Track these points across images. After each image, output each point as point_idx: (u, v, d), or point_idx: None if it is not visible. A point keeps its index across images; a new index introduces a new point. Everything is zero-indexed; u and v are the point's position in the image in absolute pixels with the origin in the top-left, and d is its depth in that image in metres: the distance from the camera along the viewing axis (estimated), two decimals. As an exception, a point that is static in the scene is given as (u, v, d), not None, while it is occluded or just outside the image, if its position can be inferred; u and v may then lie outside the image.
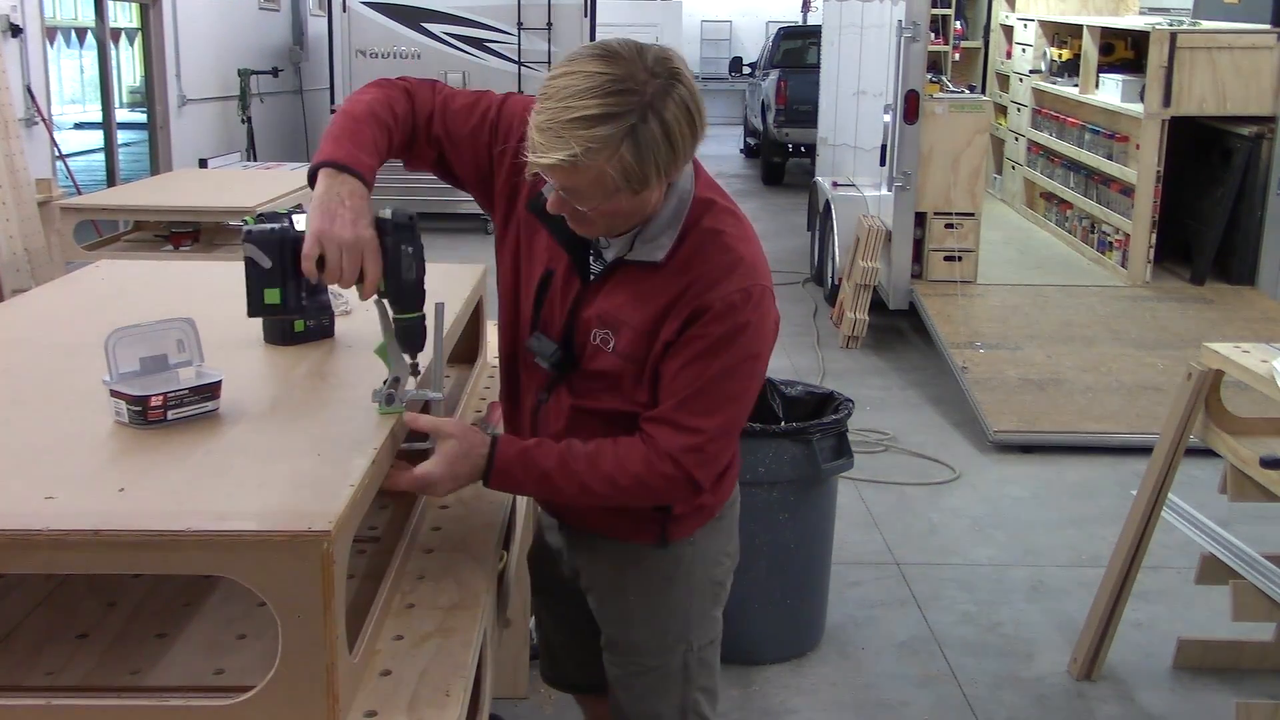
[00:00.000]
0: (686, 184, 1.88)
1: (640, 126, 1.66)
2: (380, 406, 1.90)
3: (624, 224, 1.83)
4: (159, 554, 1.50)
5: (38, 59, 8.14)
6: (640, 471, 1.85)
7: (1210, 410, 3.22)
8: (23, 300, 2.94)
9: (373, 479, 1.74)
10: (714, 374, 1.82)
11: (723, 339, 1.82)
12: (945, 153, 7.22)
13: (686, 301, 1.83)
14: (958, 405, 5.98)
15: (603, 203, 1.74)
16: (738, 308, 1.81)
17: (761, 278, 1.87)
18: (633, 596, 2.11)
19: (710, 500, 2.07)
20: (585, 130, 1.64)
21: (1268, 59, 7.06)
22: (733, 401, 1.87)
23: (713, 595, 2.15)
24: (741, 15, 22.89)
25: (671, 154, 1.71)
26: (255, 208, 5.15)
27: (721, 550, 2.15)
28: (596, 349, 1.91)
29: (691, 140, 1.75)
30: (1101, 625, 3.51)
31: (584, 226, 1.83)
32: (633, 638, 2.13)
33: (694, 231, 1.86)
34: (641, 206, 1.80)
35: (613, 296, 1.89)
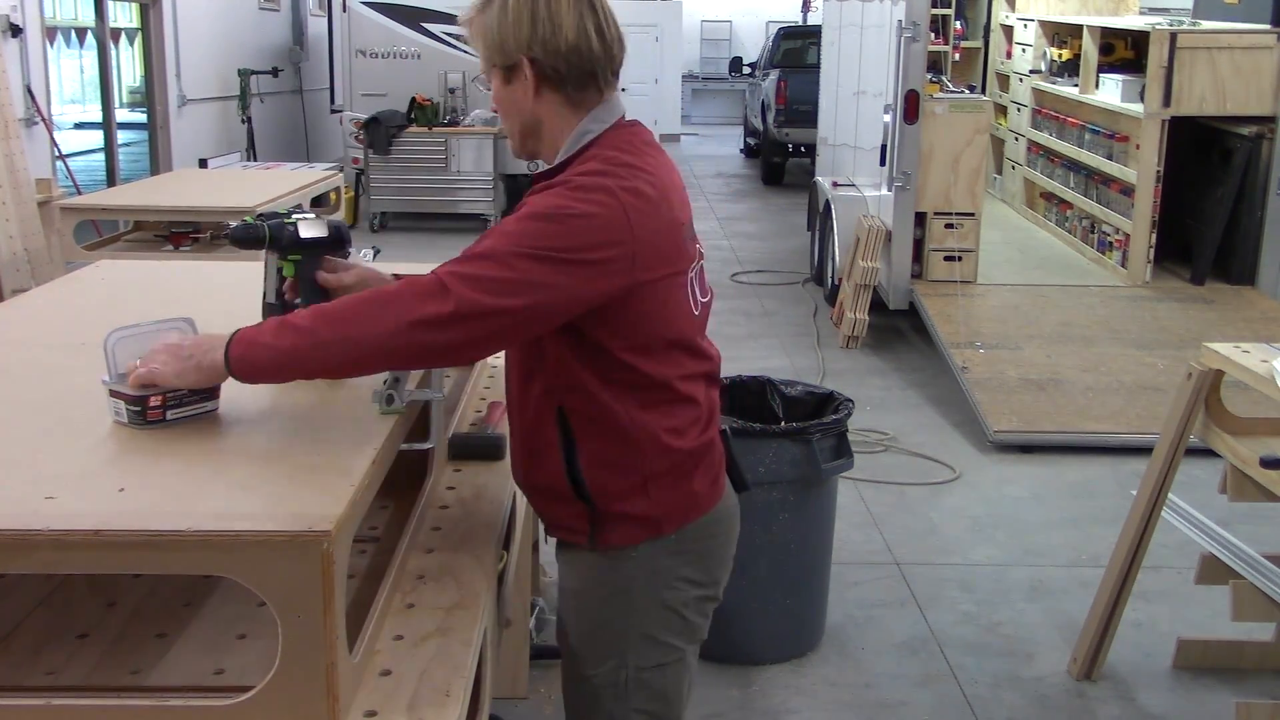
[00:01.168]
0: (594, 125, 1.92)
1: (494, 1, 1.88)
2: (380, 407, 1.91)
3: (514, 125, 1.95)
4: (159, 554, 1.50)
5: (38, 59, 8.14)
6: (400, 289, 1.77)
7: (1210, 410, 3.22)
8: (23, 300, 2.94)
9: (373, 479, 1.74)
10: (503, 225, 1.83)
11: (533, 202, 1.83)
12: (945, 153, 7.22)
13: None
14: (958, 405, 5.98)
15: (488, 77, 1.95)
16: (559, 187, 1.83)
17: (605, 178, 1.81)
18: (574, 599, 2.07)
19: (643, 507, 1.95)
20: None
21: (1268, 59, 7.06)
22: (503, 235, 1.79)
23: (661, 620, 2.01)
24: (741, 15, 22.87)
25: (532, 28, 1.85)
26: (255, 208, 5.16)
27: (678, 575, 2.01)
28: None
29: (531, 30, 1.86)
30: (1101, 625, 3.51)
31: (505, 131, 2.01)
32: (567, 639, 2.09)
33: (593, 154, 1.90)
34: (514, 103, 1.92)
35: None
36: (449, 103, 11.32)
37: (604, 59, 1.91)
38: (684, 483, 1.99)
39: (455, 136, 10.97)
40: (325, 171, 7.37)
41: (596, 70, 1.91)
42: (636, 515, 1.96)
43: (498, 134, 11.04)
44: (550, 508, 2.05)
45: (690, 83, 22.09)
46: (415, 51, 11.52)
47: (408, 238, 10.82)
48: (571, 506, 1.98)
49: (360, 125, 10.95)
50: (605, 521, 1.97)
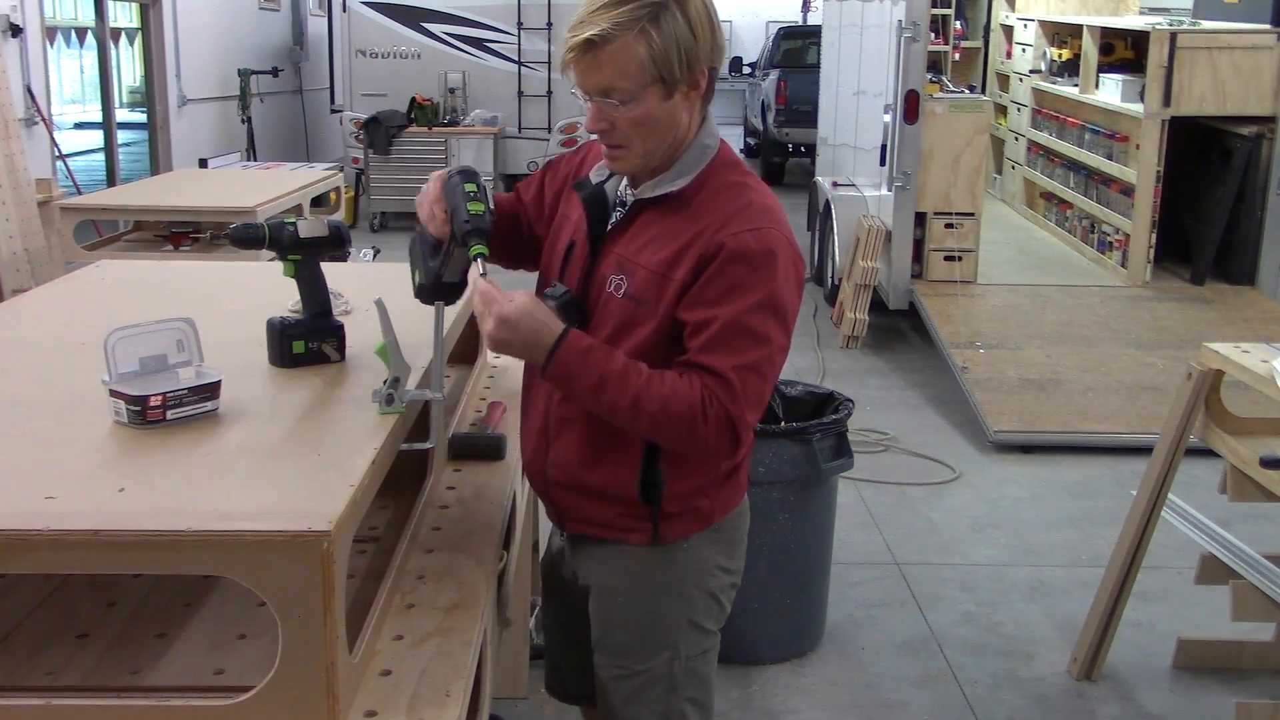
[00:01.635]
0: (711, 140, 1.92)
1: (663, 10, 1.77)
2: (380, 407, 1.91)
3: (655, 144, 1.86)
4: (159, 554, 1.50)
5: (38, 59, 8.15)
6: (696, 403, 1.81)
7: (1210, 410, 3.22)
8: (23, 300, 2.94)
9: (373, 479, 1.74)
10: (734, 315, 1.81)
11: (739, 280, 1.81)
12: (945, 153, 7.22)
13: (701, 241, 1.84)
14: (958, 405, 5.98)
15: (633, 103, 1.80)
16: (751, 248, 1.82)
17: (779, 224, 1.87)
18: (621, 597, 2.09)
19: (707, 505, 2.03)
20: (613, 10, 1.76)
21: (1268, 59, 7.06)
22: (757, 344, 1.83)
23: (704, 607, 2.10)
24: (741, 15, 22.86)
25: (695, 44, 1.79)
26: (255, 208, 5.16)
27: (717, 563, 2.10)
28: (609, 297, 1.91)
29: (712, 40, 1.83)
30: (1101, 625, 3.51)
31: (618, 153, 1.88)
32: (618, 639, 2.10)
33: (714, 179, 1.90)
34: (671, 120, 1.84)
35: (633, 241, 1.91)
36: (449, 103, 11.33)
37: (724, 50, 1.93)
38: (735, 478, 2.08)
39: (455, 136, 10.98)
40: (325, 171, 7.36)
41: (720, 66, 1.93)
42: (698, 510, 2.03)
43: (498, 134, 11.06)
44: (601, 508, 2.04)
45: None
46: (415, 51, 11.51)
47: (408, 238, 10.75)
48: (633, 507, 2.00)
49: (360, 125, 10.95)
50: (667, 519, 2.01)
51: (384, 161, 10.91)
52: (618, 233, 1.94)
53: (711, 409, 1.81)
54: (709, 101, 1.91)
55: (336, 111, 12.03)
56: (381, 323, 1.96)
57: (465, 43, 11.46)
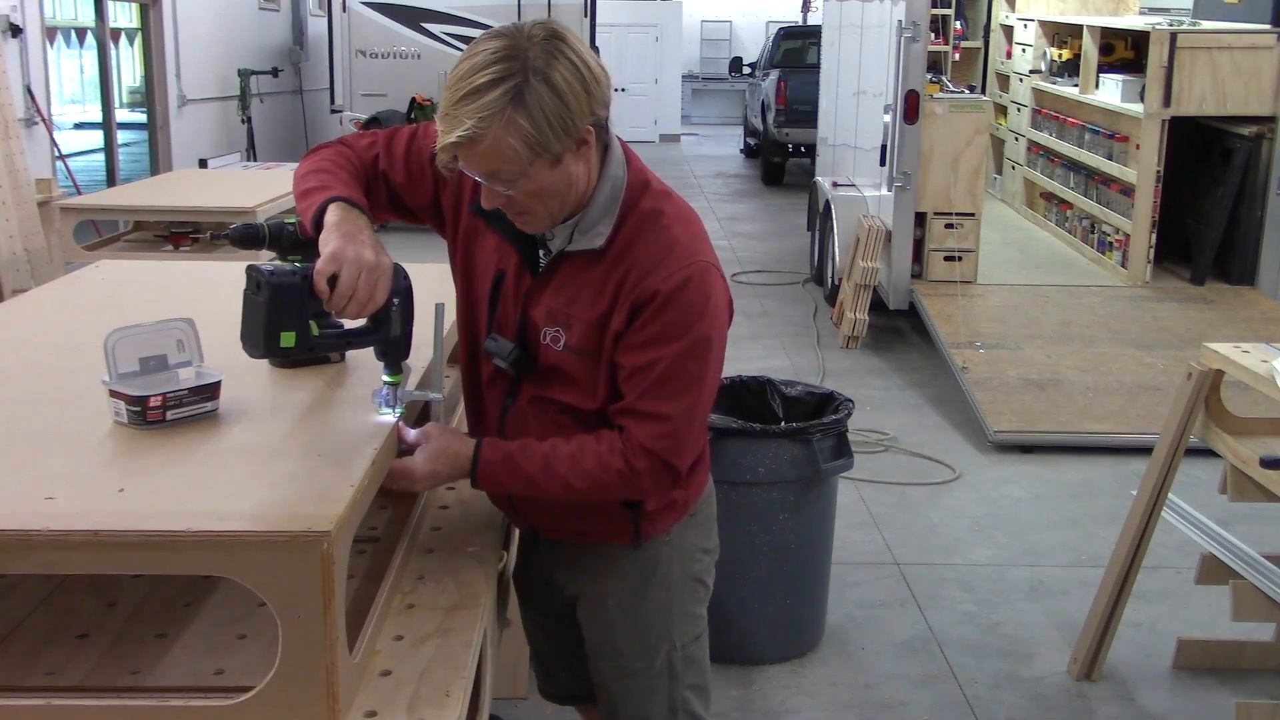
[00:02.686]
0: (618, 170, 1.88)
1: (525, 87, 1.68)
2: (380, 407, 1.90)
3: (558, 206, 1.82)
4: (159, 554, 1.50)
5: (38, 59, 8.15)
6: (621, 468, 1.86)
7: (1210, 410, 3.22)
8: (23, 300, 2.94)
9: (373, 479, 1.74)
10: (670, 360, 1.83)
11: (672, 324, 1.82)
12: (945, 153, 7.22)
13: (629, 288, 1.83)
14: (958, 405, 5.98)
15: (521, 180, 1.75)
16: (681, 291, 1.82)
17: (702, 254, 1.87)
18: (612, 600, 2.10)
19: (682, 495, 2.07)
20: (474, 103, 1.68)
21: (1268, 59, 7.06)
22: (693, 384, 1.86)
23: (692, 592, 2.14)
24: (741, 15, 22.87)
25: (566, 111, 1.71)
26: (255, 208, 5.16)
27: (698, 546, 2.15)
28: (547, 348, 1.92)
29: (587, 98, 1.74)
30: (1101, 625, 3.51)
31: (524, 218, 1.84)
32: (616, 641, 2.12)
33: (631, 216, 1.87)
34: (567, 182, 1.79)
35: (560, 292, 1.90)
36: (449, 103, 11.31)
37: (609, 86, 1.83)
38: (703, 462, 2.11)
39: (455, 136, 10.96)
40: (325, 171, 7.34)
41: (609, 103, 1.84)
42: (674, 503, 2.06)
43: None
44: (586, 522, 2.06)
45: (690, 83, 22.10)
46: (415, 51, 11.52)
47: (408, 237, 10.79)
48: (615, 514, 2.02)
49: (360, 125, 10.94)
50: (647, 518, 2.04)
51: (384, 161, 10.89)
52: (543, 283, 1.91)
53: (640, 463, 1.86)
54: (606, 140, 1.85)
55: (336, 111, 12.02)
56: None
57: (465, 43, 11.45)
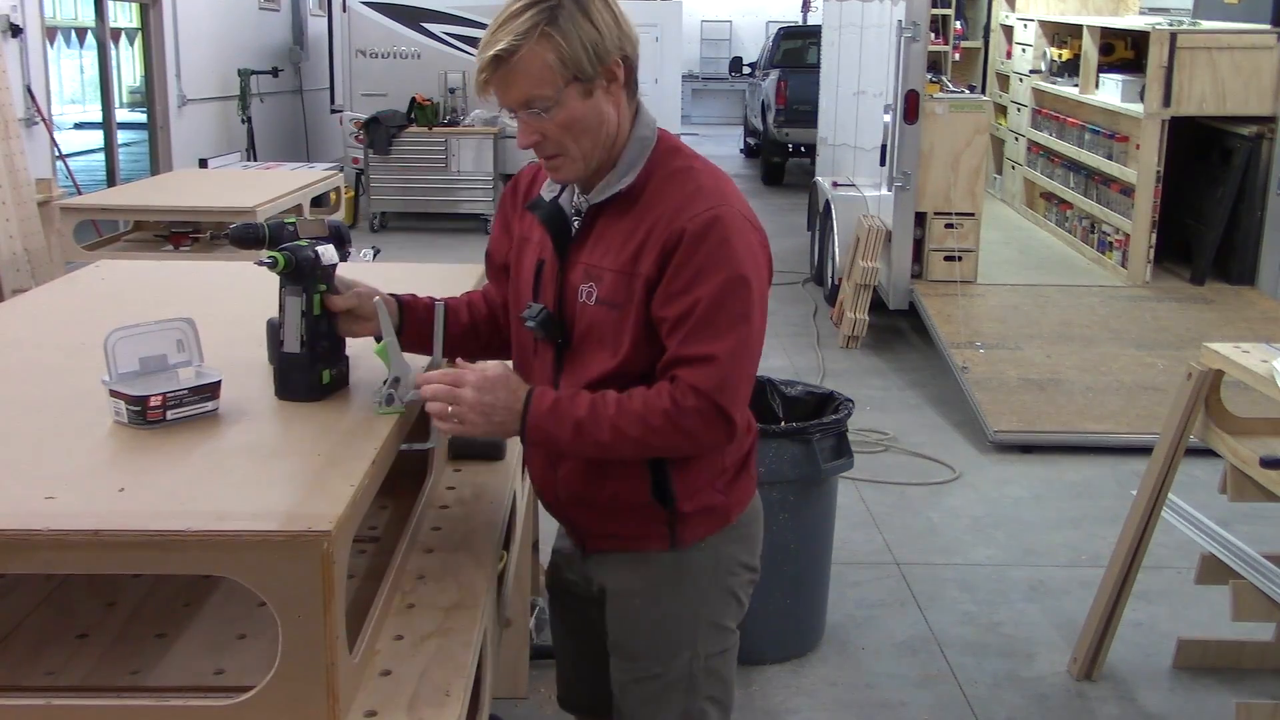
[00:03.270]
0: (647, 131, 1.93)
1: (559, 9, 1.77)
2: (379, 407, 1.90)
3: (590, 144, 1.86)
4: (159, 554, 1.50)
5: (38, 59, 8.14)
6: (668, 408, 1.82)
7: (1210, 410, 3.22)
8: (23, 300, 2.94)
9: (373, 479, 1.74)
10: (708, 300, 1.81)
11: (705, 263, 1.81)
12: (945, 153, 7.22)
13: (659, 232, 1.84)
14: (958, 405, 5.98)
15: (556, 104, 1.80)
16: (710, 229, 1.82)
17: (732, 201, 1.87)
18: (639, 599, 2.07)
19: (723, 501, 2.03)
20: (509, 25, 1.77)
21: (1268, 59, 7.06)
22: (737, 323, 1.83)
23: (724, 605, 2.09)
24: (741, 15, 22.87)
25: (598, 36, 1.79)
26: (255, 208, 5.15)
27: (737, 560, 2.10)
28: (583, 307, 1.91)
29: (618, 30, 1.83)
30: (1101, 625, 3.51)
31: (557, 161, 1.88)
32: (636, 642, 2.08)
33: (659, 171, 1.90)
34: (598, 118, 1.84)
35: (594, 249, 1.91)
36: (449, 103, 11.33)
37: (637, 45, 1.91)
38: (747, 469, 2.08)
39: (455, 136, 10.97)
40: (325, 171, 7.36)
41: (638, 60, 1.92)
42: (713, 508, 2.02)
43: (498, 134, 11.05)
44: (619, 521, 2.03)
45: (690, 83, 22.07)
46: (415, 51, 11.52)
47: (408, 238, 10.82)
48: (649, 514, 1.98)
49: (360, 125, 10.95)
50: (684, 521, 2.00)
51: (384, 161, 10.91)
52: (579, 242, 1.93)
53: (687, 402, 1.81)
54: (635, 93, 1.92)
55: (336, 111, 12.04)
56: (381, 323, 1.95)
57: (465, 43, 11.46)
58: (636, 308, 1.86)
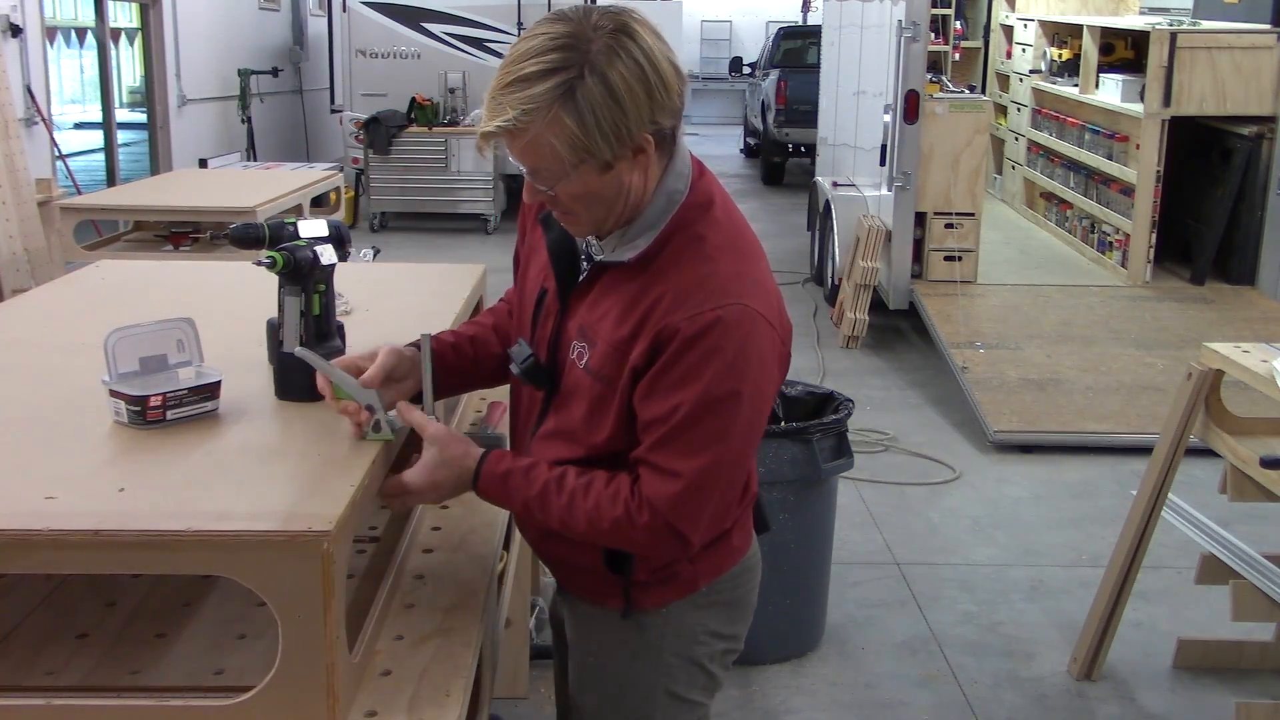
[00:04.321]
0: (677, 184, 1.70)
1: (578, 84, 1.53)
2: (367, 434, 1.83)
3: (604, 213, 1.66)
4: (158, 554, 1.50)
5: (38, 59, 8.14)
6: (619, 516, 1.67)
7: (1210, 410, 3.22)
8: (23, 300, 2.94)
9: (373, 479, 1.74)
10: (689, 409, 1.61)
11: (695, 368, 1.61)
12: (945, 153, 7.22)
13: (656, 317, 1.64)
14: (958, 405, 5.98)
15: (563, 180, 1.60)
16: (706, 334, 1.60)
17: (743, 296, 1.64)
18: (593, 659, 1.92)
19: (688, 570, 1.83)
20: (521, 92, 1.54)
21: (1268, 59, 7.06)
22: (715, 443, 1.63)
23: (687, 677, 1.89)
24: (741, 15, 22.86)
25: (621, 116, 1.55)
26: (255, 208, 5.15)
27: (706, 629, 1.89)
28: (573, 365, 1.75)
29: (649, 104, 1.57)
30: (1101, 625, 3.51)
31: (568, 219, 1.70)
32: (591, 702, 1.94)
33: (679, 236, 1.68)
34: (617, 190, 1.64)
35: (595, 307, 1.73)
36: (449, 103, 11.33)
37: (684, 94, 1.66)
38: (723, 542, 1.88)
39: (455, 136, 10.97)
40: (325, 171, 7.36)
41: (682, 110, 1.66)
42: (675, 575, 1.84)
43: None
44: (575, 576, 1.92)
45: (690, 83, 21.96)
46: (415, 51, 11.51)
47: (408, 238, 10.82)
48: (604, 578, 1.83)
49: (360, 125, 10.95)
50: (640, 587, 1.83)
51: (384, 161, 10.91)
52: (581, 293, 1.75)
53: (641, 518, 1.65)
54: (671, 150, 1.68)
55: (336, 111, 12.03)
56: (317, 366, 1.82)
57: (465, 42, 11.47)
58: (623, 391, 1.68)
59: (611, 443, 1.72)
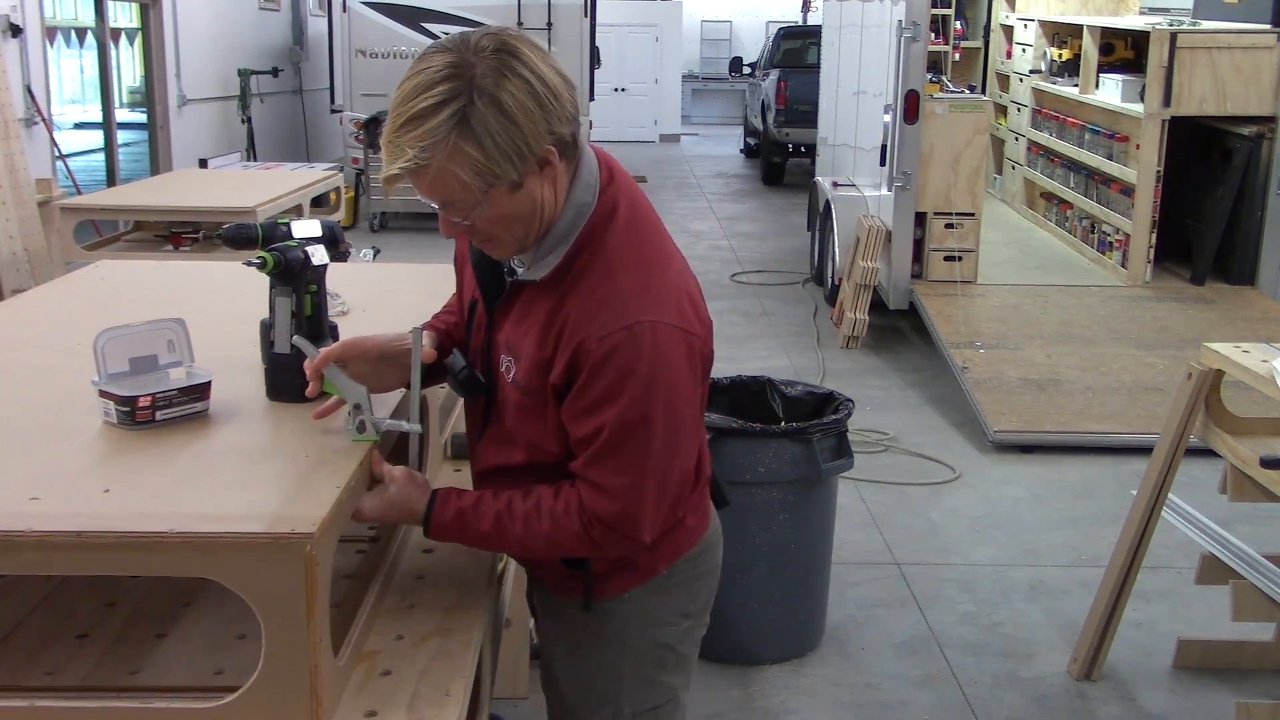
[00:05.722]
0: (585, 195, 1.70)
1: (470, 110, 1.54)
2: (354, 435, 1.83)
3: (523, 231, 1.68)
4: (142, 555, 1.49)
5: (38, 59, 8.14)
6: (577, 530, 1.73)
7: (1210, 410, 3.22)
8: (21, 300, 2.94)
9: (359, 481, 1.73)
10: (609, 431, 1.66)
11: (610, 390, 1.64)
12: (945, 153, 7.22)
13: (568, 336, 1.67)
14: (958, 405, 5.98)
15: (477, 208, 1.61)
16: (613, 355, 1.63)
17: (646, 311, 1.65)
18: (560, 647, 1.98)
19: (646, 559, 1.87)
20: (416, 129, 1.56)
21: (1268, 59, 7.06)
22: (637, 462, 1.69)
23: (655, 659, 1.93)
24: (741, 15, 22.87)
25: (519, 134, 1.56)
26: (255, 208, 5.15)
27: (670, 609, 1.93)
28: (503, 377, 1.79)
29: (543, 117, 1.58)
30: (1101, 625, 3.50)
31: (490, 245, 1.71)
32: (558, 691, 1.99)
33: (586, 250, 1.70)
34: (530, 206, 1.65)
35: (518, 324, 1.76)
36: (449, 103, 11.31)
37: (575, 101, 1.66)
38: (679, 527, 1.90)
39: (455, 136, 10.94)
40: (325, 171, 7.36)
41: (578, 116, 1.67)
42: (634, 564, 1.88)
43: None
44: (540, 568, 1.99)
45: (690, 83, 22.09)
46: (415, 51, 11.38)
47: (408, 238, 10.82)
48: (564, 570, 1.89)
49: (360, 125, 10.94)
50: (600, 578, 1.88)
51: (384, 161, 10.88)
52: (505, 309, 1.79)
53: (594, 532, 1.72)
54: (575, 158, 1.69)
55: (336, 111, 12.02)
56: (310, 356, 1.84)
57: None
58: (551, 406, 1.73)
59: (549, 445, 1.78)
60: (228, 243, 2.06)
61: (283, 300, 1.95)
